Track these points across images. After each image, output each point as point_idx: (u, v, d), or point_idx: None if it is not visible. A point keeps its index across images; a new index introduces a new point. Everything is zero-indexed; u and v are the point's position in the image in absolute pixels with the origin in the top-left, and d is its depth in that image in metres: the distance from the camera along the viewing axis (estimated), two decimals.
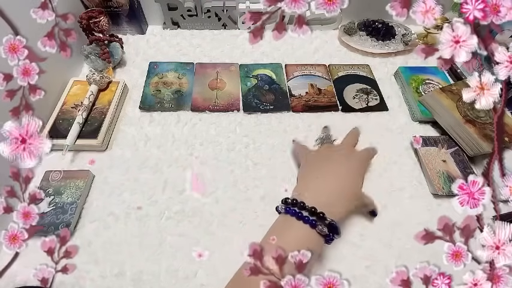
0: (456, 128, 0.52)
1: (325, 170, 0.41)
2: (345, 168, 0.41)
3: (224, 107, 0.58)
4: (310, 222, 0.34)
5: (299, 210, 0.35)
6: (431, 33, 0.70)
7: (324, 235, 0.34)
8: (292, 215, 0.35)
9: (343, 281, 0.26)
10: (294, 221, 0.35)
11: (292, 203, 0.36)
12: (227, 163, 0.51)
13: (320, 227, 0.34)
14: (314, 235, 0.34)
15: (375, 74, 0.65)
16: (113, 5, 0.65)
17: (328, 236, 0.34)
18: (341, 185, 0.39)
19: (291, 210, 0.35)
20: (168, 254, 0.42)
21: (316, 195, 0.37)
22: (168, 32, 0.73)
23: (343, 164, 0.42)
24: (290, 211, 0.35)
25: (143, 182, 0.49)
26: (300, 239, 0.34)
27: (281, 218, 0.37)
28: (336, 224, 0.35)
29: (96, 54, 0.61)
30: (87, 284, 0.40)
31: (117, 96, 0.57)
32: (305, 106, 0.59)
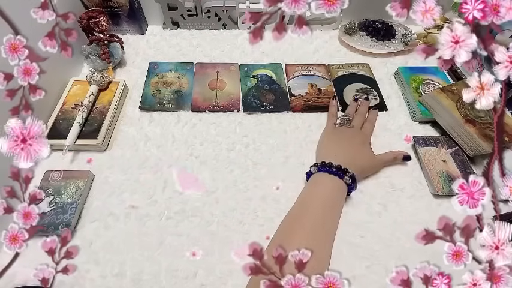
0: (456, 128, 0.52)
1: (343, 142, 0.51)
2: (357, 140, 0.51)
3: (224, 107, 0.59)
4: (338, 174, 0.44)
5: (329, 168, 0.45)
6: (431, 33, 0.70)
7: (348, 184, 0.44)
8: (325, 171, 0.45)
9: (343, 280, 0.26)
10: (325, 176, 0.45)
11: (321, 164, 0.46)
12: (227, 163, 0.51)
13: (346, 177, 0.44)
14: (341, 184, 0.44)
15: (374, 74, 0.65)
16: (113, 5, 0.66)
17: (350, 185, 0.44)
18: (355, 151, 0.50)
19: (323, 168, 0.45)
20: (168, 254, 0.42)
21: (339, 158, 0.46)
22: (168, 32, 0.73)
23: (355, 137, 0.52)
24: (323, 169, 0.45)
25: (143, 182, 0.49)
26: (332, 188, 0.44)
27: (313, 177, 0.46)
28: (356, 176, 0.45)
29: (96, 54, 0.61)
30: (87, 284, 0.40)
31: (117, 96, 0.57)
32: (305, 106, 0.59)
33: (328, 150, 0.50)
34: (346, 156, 0.48)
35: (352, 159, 0.47)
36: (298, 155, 0.52)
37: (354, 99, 0.59)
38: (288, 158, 0.52)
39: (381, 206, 0.47)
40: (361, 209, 0.46)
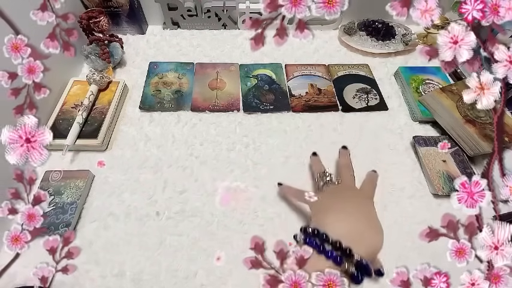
0: (456, 128, 0.52)
1: (346, 206, 0.36)
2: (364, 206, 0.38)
3: (224, 107, 0.59)
4: (334, 258, 0.29)
5: (321, 243, 0.30)
6: (432, 33, 0.70)
7: (350, 274, 0.29)
8: (313, 247, 0.30)
9: (343, 278, 0.26)
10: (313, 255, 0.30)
11: (312, 233, 0.32)
12: (227, 163, 0.51)
13: (346, 264, 0.29)
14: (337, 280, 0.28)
15: (374, 74, 0.65)
16: (113, 5, 0.66)
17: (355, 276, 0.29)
18: (365, 221, 0.35)
19: (311, 241, 0.31)
20: (168, 254, 0.42)
21: (341, 228, 0.32)
22: (168, 32, 0.73)
23: (361, 201, 0.39)
24: (310, 242, 0.31)
25: (143, 182, 0.49)
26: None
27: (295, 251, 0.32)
28: (366, 263, 0.29)
29: (96, 54, 0.61)
30: (87, 284, 0.40)
31: (117, 96, 0.57)
32: (305, 106, 0.59)
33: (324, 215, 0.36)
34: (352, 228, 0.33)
35: (361, 235, 0.33)
36: (298, 155, 0.52)
37: (312, 154, 0.49)
38: (288, 158, 0.52)
39: (381, 206, 0.47)
40: None
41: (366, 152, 0.53)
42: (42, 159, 0.27)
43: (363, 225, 0.34)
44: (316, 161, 0.48)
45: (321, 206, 0.38)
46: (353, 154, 0.52)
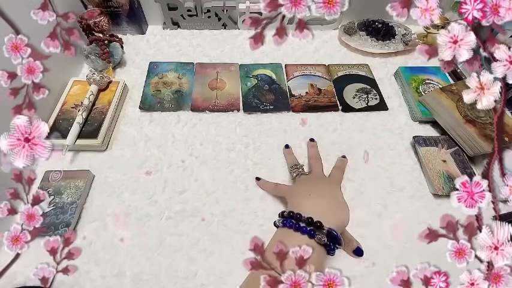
0: (456, 128, 0.52)
1: (316, 189, 0.42)
2: (331, 187, 0.43)
3: (224, 107, 0.59)
4: (308, 232, 0.34)
5: (296, 222, 0.35)
6: (431, 33, 0.70)
7: (323, 244, 0.34)
8: (289, 227, 0.35)
9: (344, 278, 0.26)
10: (291, 233, 0.35)
11: (288, 215, 0.36)
12: (227, 163, 0.51)
13: (319, 236, 0.33)
14: (314, 245, 0.33)
15: (374, 74, 0.65)
16: (113, 5, 0.65)
17: (328, 245, 0.34)
18: (332, 200, 0.40)
19: (288, 222, 0.35)
20: (168, 254, 0.42)
21: (311, 207, 0.37)
22: (168, 32, 0.73)
23: (328, 184, 0.44)
24: (287, 223, 0.35)
25: (143, 182, 0.49)
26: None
27: (279, 232, 0.37)
28: (335, 232, 0.34)
29: (96, 54, 0.61)
30: (87, 284, 0.40)
31: (117, 96, 0.57)
32: (305, 106, 0.59)
33: (297, 200, 0.41)
34: (320, 205, 0.38)
35: (329, 209, 0.38)
36: (298, 155, 0.52)
37: (285, 146, 0.53)
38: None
39: (381, 206, 0.47)
40: (361, 209, 0.46)
41: (366, 152, 0.53)
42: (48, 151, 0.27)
43: (329, 202, 0.39)
44: (289, 153, 0.52)
45: (294, 192, 0.43)
46: (353, 154, 0.52)
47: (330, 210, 0.38)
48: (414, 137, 0.53)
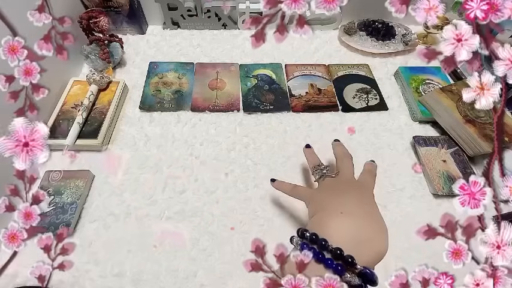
0: (456, 128, 0.52)
1: (348, 205, 0.33)
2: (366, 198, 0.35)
3: (224, 107, 0.58)
4: (335, 268, 0.26)
5: (319, 250, 0.27)
6: (431, 33, 0.70)
7: (354, 285, 0.26)
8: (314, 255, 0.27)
9: (343, 283, 0.26)
10: (311, 263, 0.26)
11: (311, 238, 0.28)
12: (227, 163, 0.51)
13: (349, 277, 0.26)
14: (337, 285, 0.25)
15: (374, 74, 0.65)
16: (113, 5, 0.65)
17: (359, 286, 0.26)
18: (369, 223, 0.31)
19: (308, 248, 0.27)
20: (168, 254, 0.42)
21: (342, 233, 0.29)
22: (168, 32, 0.73)
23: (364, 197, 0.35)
24: (307, 248, 0.27)
25: (143, 182, 0.49)
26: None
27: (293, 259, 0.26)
28: (371, 271, 0.27)
29: (96, 54, 0.61)
30: (87, 284, 0.40)
31: (117, 96, 0.57)
32: (305, 106, 0.59)
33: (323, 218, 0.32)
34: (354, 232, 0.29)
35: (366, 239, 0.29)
36: (298, 155, 0.52)
37: (306, 146, 0.46)
38: (288, 158, 0.52)
39: (380, 206, 0.47)
40: None
41: (366, 152, 0.53)
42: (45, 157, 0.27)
43: (366, 227, 0.30)
44: (311, 153, 0.45)
45: (318, 203, 0.34)
46: (353, 154, 0.52)
47: (366, 240, 0.29)
48: (414, 137, 0.53)
